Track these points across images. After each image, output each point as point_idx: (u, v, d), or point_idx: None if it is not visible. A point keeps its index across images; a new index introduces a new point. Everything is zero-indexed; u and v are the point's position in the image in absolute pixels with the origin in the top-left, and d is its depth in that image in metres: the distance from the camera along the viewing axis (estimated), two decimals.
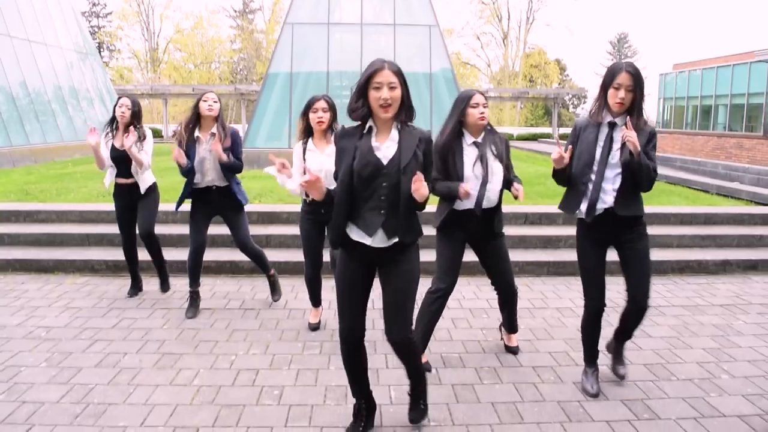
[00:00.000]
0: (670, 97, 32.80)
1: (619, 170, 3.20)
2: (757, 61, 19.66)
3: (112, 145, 4.91)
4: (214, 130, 4.52)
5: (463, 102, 3.54)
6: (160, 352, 3.97)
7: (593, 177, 3.26)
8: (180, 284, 5.50)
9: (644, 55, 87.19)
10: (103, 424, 3.01)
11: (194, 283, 4.79)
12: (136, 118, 4.93)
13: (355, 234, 2.68)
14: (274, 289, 5.10)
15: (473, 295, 5.29)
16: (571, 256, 6.30)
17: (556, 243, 6.58)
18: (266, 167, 4.27)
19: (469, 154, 3.53)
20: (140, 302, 5.07)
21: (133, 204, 5.05)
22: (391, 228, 2.62)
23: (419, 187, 2.49)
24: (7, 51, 16.35)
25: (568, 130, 38.59)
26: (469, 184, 3.39)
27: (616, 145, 3.21)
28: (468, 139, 3.55)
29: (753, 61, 23.92)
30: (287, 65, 14.18)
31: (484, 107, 3.53)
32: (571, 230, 6.93)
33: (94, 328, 4.42)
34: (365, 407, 2.94)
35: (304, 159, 4.10)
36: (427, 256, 3.94)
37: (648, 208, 7.64)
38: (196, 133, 4.52)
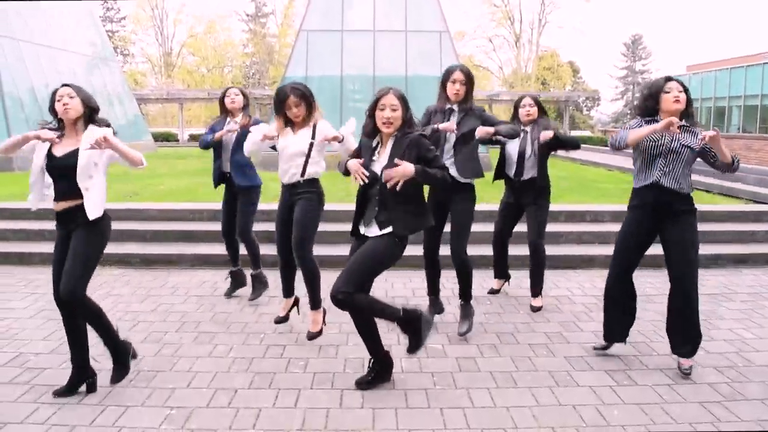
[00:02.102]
0: None
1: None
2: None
3: (49, 152, 3.29)
4: (238, 119, 5.06)
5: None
6: (197, 331, 4.47)
7: None
8: (209, 275, 6.01)
9: (658, 57, 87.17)
10: (155, 386, 3.51)
11: (232, 262, 5.37)
12: (91, 111, 3.38)
13: (361, 227, 3.47)
14: (254, 288, 5.25)
15: (479, 285, 5.74)
16: (568, 250, 6.75)
17: (557, 238, 7.00)
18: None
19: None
20: (174, 291, 5.57)
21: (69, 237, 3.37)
22: (381, 221, 3.35)
23: (388, 178, 3.20)
24: (31, 56, 17.03)
25: (581, 133, 38.86)
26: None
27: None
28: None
29: (766, 62, 24.14)
30: (302, 70, 14.73)
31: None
32: (572, 226, 7.38)
33: (135, 311, 4.93)
34: (379, 363, 3.50)
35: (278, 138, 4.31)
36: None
37: None
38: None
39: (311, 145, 4.15)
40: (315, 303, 4.24)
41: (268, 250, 5.33)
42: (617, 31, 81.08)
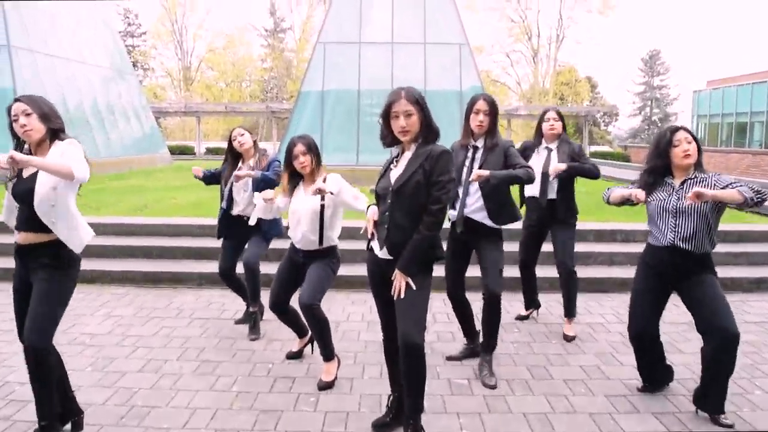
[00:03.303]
0: (704, 115, 32.45)
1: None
2: None
3: (18, 177, 2.84)
4: (251, 162, 4.67)
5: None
6: (199, 360, 4.10)
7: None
8: (216, 295, 5.66)
9: (677, 72, 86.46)
10: (148, 425, 3.14)
11: (250, 300, 4.72)
12: (53, 127, 2.86)
13: (373, 243, 3.01)
14: (253, 326, 4.66)
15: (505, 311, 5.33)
16: (600, 272, 6.31)
17: (585, 259, 6.57)
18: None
19: None
20: (179, 312, 5.23)
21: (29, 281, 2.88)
22: (389, 244, 2.87)
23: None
24: (47, 68, 16.96)
25: (600, 148, 38.32)
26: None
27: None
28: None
29: None
30: (319, 84, 14.47)
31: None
32: (603, 247, 6.95)
33: (135, 336, 4.58)
34: (397, 398, 3.08)
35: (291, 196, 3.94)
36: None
37: None
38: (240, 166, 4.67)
39: (322, 207, 3.74)
40: (328, 355, 3.77)
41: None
42: (636, 46, 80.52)
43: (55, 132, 2.86)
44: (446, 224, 3.11)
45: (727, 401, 3.31)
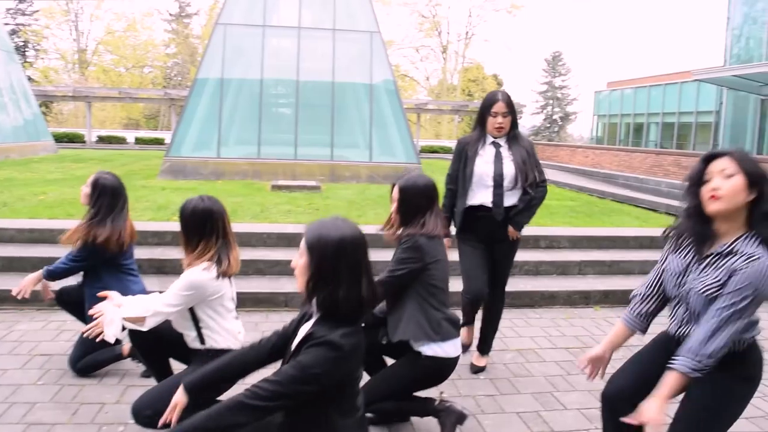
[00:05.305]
0: (604, 114, 33.54)
1: None
2: (694, 80, 19.99)
3: None
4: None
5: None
6: (24, 422, 3.05)
7: None
8: (71, 320, 4.54)
9: (578, 73, 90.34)
10: None
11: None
12: None
13: None
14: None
15: None
16: (525, 284, 5.69)
17: None
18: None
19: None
20: (16, 346, 4.10)
21: None
22: None
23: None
24: None
25: None
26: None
27: None
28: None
29: (684, 81, 24.57)
30: (218, 70, 13.19)
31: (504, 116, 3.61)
32: (526, 255, 6.32)
33: None
34: None
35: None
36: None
37: (605, 230, 7.23)
38: None
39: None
40: None
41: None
42: (540, 47, 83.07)
43: None
44: None
45: None
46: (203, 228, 2.79)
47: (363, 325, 2.07)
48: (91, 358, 3.64)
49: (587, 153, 20.03)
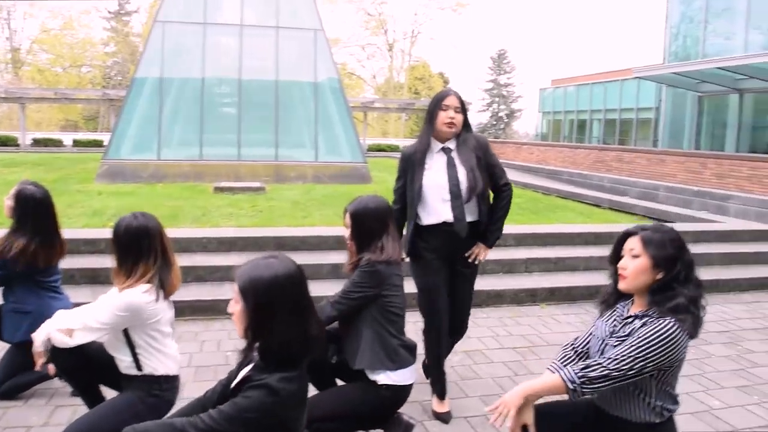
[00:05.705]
0: (549, 111, 34.24)
1: None
2: (635, 77, 20.54)
3: None
4: None
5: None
6: None
7: None
8: None
9: (523, 71, 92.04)
10: None
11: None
12: None
13: None
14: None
15: None
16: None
17: None
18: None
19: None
20: None
21: None
22: None
23: None
24: None
25: None
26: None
27: None
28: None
29: (625, 79, 25.25)
30: (157, 69, 12.76)
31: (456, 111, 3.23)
32: None
33: None
34: None
35: None
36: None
37: (550, 227, 7.29)
38: None
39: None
40: None
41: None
42: (486, 45, 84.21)
43: None
44: None
45: None
46: (139, 248, 2.60)
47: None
48: (13, 382, 3.40)
49: (532, 149, 20.34)
